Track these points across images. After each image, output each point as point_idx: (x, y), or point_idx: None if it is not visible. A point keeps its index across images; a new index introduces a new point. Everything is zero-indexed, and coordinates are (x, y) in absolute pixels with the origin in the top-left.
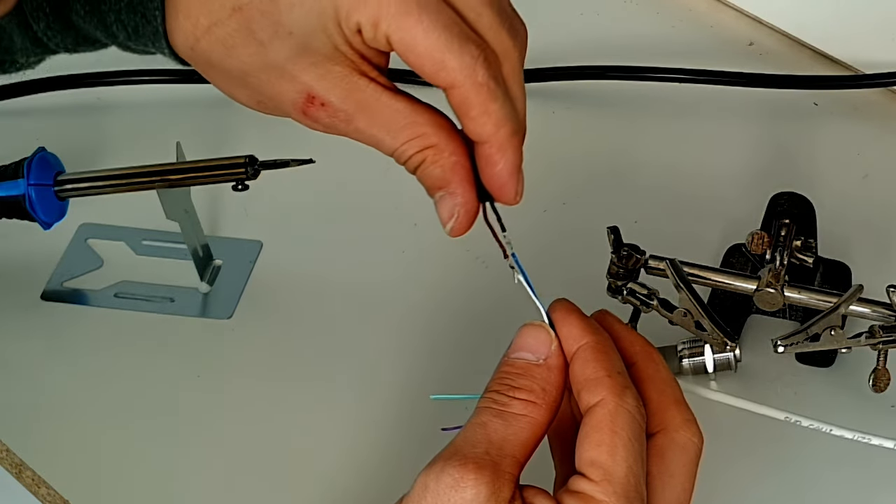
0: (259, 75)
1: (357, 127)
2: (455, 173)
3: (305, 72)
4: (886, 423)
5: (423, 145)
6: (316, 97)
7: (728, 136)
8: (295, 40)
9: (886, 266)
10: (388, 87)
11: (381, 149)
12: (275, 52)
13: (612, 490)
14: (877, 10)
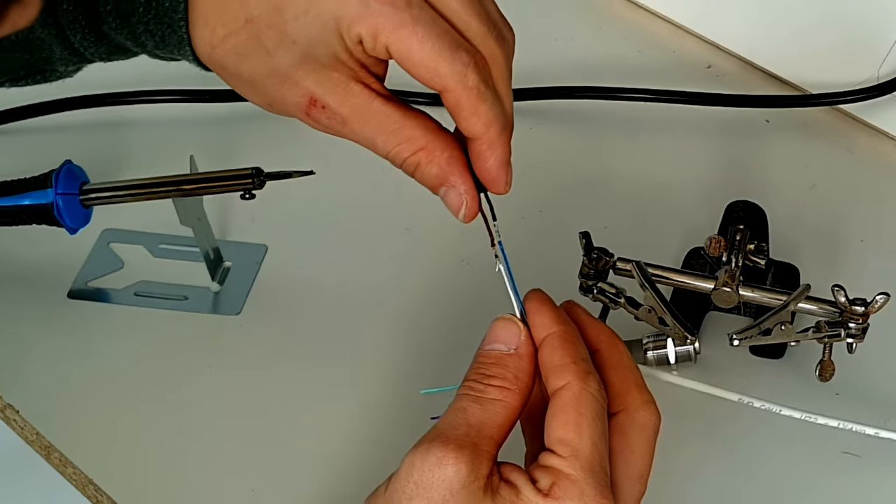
0: (267, 80)
1: (352, 129)
2: (453, 167)
3: (307, 77)
4: (831, 409)
5: (414, 148)
6: (317, 100)
7: (688, 150)
8: (298, 49)
9: (832, 268)
10: (382, 94)
11: (375, 150)
12: (280, 59)
13: (579, 465)
14: (822, 37)
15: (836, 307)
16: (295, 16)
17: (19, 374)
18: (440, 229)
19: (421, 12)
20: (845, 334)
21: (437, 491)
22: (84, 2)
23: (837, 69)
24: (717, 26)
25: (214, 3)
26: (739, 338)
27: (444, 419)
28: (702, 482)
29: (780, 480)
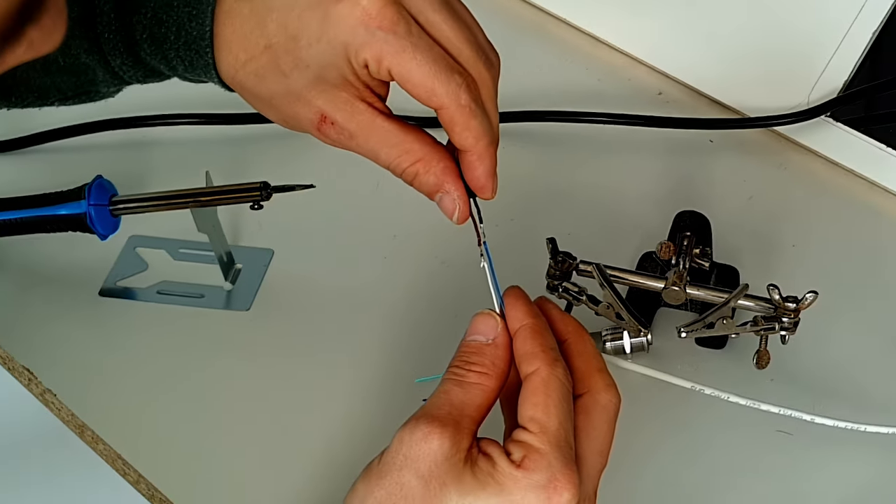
0: (283, 99)
1: (358, 143)
2: (447, 175)
3: (319, 97)
4: (767, 393)
5: (413, 159)
6: (326, 117)
7: (641, 167)
8: (311, 72)
9: (767, 269)
10: (384, 112)
11: (378, 161)
12: (294, 80)
13: (547, 440)
14: (760, 67)
15: (771, 304)
16: (308, 43)
17: (57, 363)
18: (423, 235)
19: (419, 40)
20: (779, 328)
21: (424, 462)
22: (122, 31)
23: (772, 95)
24: (667, 58)
25: (236, 32)
26: (686, 330)
27: (430, 400)
28: (656, 458)
29: (723, 456)
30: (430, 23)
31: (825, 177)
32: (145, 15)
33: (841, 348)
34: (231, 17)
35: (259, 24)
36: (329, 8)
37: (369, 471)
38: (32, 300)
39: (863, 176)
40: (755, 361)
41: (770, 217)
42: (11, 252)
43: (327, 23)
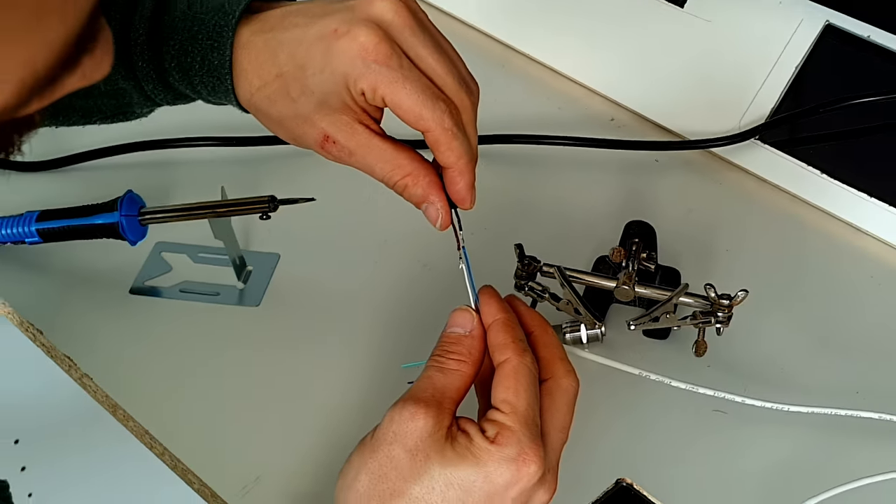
0: (291, 121)
1: (356, 159)
2: (432, 188)
3: (322, 119)
4: (705, 378)
5: (403, 174)
6: (329, 137)
7: (596, 183)
8: (316, 98)
9: (705, 271)
10: (379, 133)
11: (373, 175)
12: (301, 105)
13: (517, 419)
14: (699, 97)
15: (708, 301)
16: (314, 72)
17: (93, 351)
18: (409, 241)
19: (409, 72)
20: (715, 321)
21: (411, 438)
22: (154, 61)
23: (709, 121)
24: (619, 89)
25: (252, 61)
26: (635, 324)
27: (415, 384)
28: (609, 435)
29: (667, 433)
30: (419, 56)
31: (755, 192)
32: (173, 46)
33: (768, 339)
34: (247, 49)
35: (271, 56)
36: (332, 43)
37: (363, 445)
38: (72, 298)
39: (787, 191)
40: (694, 350)
41: (707, 226)
42: (54, 256)
43: (330, 55)
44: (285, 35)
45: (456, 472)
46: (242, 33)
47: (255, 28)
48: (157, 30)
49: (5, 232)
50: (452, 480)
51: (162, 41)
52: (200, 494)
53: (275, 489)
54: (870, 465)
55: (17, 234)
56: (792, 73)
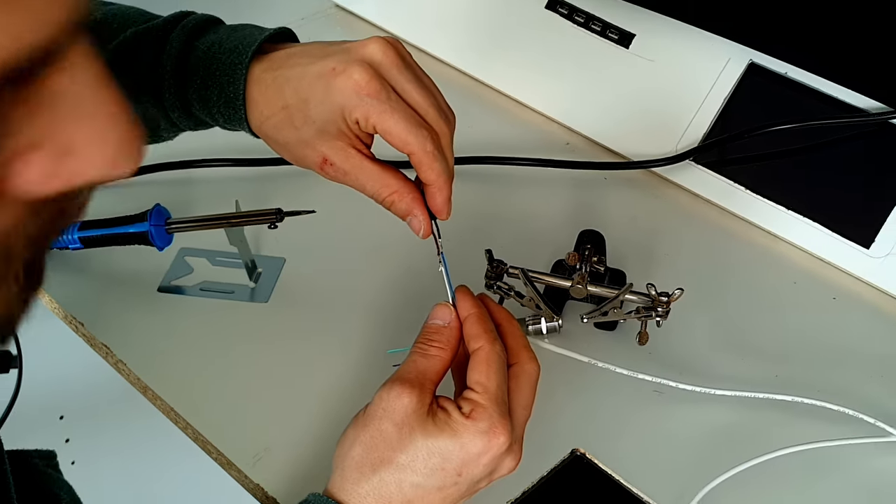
0: (295, 145)
1: (350, 179)
2: (415, 203)
3: (322, 144)
4: (646, 365)
5: (390, 191)
6: (327, 159)
7: (554, 197)
8: (316, 126)
9: (646, 272)
10: (369, 157)
11: (364, 192)
12: (304, 132)
13: (488, 398)
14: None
15: (649, 297)
16: (315, 105)
17: (126, 341)
18: (395, 248)
19: (396, 104)
20: (655, 315)
21: (398, 414)
22: (178, 93)
23: (650, 145)
24: (573, 117)
25: (262, 95)
26: (587, 317)
27: (401, 368)
28: (564, 412)
29: (614, 411)
30: (404, 91)
31: (689, 205)
32: (195, 81)
33: (700, 332)
34: (258, 84)
35: (279, 90)
36: (330, 80)
37: (357, 420)
38: (108, 295)
39: (717, 204)
40: (637, 340)
41: (649, 234)
42: (94, 260)
43: (329, 90)
44: (290, 72)
45: (436, 442)
46: (254, 71)
47: (264, 66)
48: (182, 67)
49: None
50: (433, 450)
51: (186, 76)
52: (218, 462)
53: (281, 458)
54: (783, 440)
55: (62, 241)
56: (721, 103)
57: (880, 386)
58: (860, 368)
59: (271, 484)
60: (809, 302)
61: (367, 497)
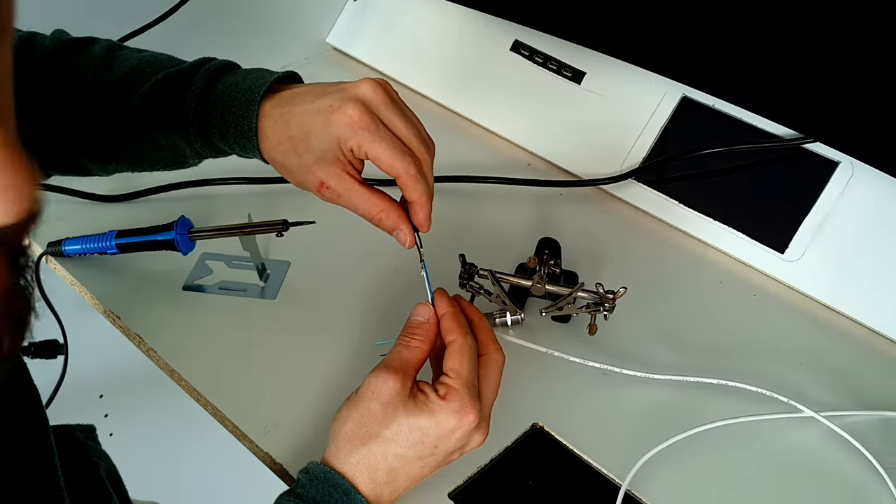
0: (297, 170)
1: (343, 200)
2: (400, 219)
3: (320, 170)
4: (595, 353)
5: (378, 210)
6: (324, 183)
7: (518, 210)
8: (316, 154)
9: (596, 274)
10: (360, 181)
11: (356, 212)
12: (305, 159)
13: (461, 382)
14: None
15: (598, 295)
16: (315, 136)
17: (156, 331)
18: (383, 255)
19: (385, 135)
20: (603, 310)
21: (384, 395)
22: (201, 127)
23: (599, 166)
24: (533, 142)
25: (271, 127)
26: (546, 312)
27: (387, 357)
28: (525, 395)
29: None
30: (391, 123)
31: (632, 217)
32: (215, 117)
33: (641, 324)
34: (269, 118)
35: (285, 124)
36: (329, 115)
37: (349, 400)
38: (140, 292)
39: (655, 216)
40: (588, 331)
41: (598, 242)
42: (128, 263)
43: (328, 124)
44: (295, 109)
45: (416, 420)
46: (264, 107)
47: (273, 103)
48: (204, 105)
49: (93, 245)
50: (414, 426)
51: (208, 112)
52: (233, 434)
53: (286, 431)
54: (711, 415)
55: (102, 247)
56: (658, 131)
57: (793, 370)
58: (776, 356)
59: (278, 452)
60: (733, 299)
61: (357, 465)
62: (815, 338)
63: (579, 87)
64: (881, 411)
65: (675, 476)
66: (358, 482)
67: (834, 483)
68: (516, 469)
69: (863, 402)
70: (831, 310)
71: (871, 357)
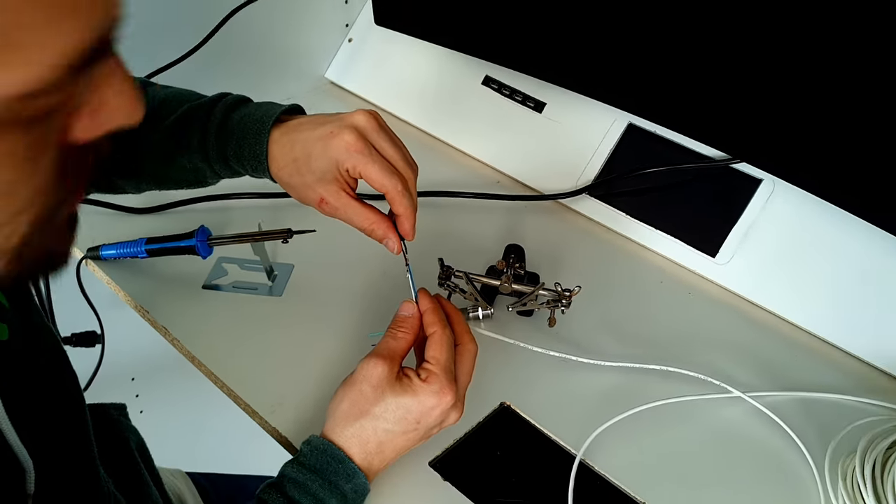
0: (300, 188)
1: (340, 214)
2: (389, 230)
3: (320, 188)
4: (555, 344)
5: (370, 223)
6: (324, 199)
7: (488, 220)
8: (317, 174)
9: (555, 274)
10: (354, 197)
11: (351, 224)
12: (307, 178)
13: (440, 368)
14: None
15: (556, 292)
16: (316, 158)
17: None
18: (374, 259)
19: (376, 157)
20: (560, 305)
21: (374, 379)
22: (219, 152)
23: (557, 182)
24: (501, 162)
25: (279, 152)
26: (512, 307)
27: (377, 346)
28: (494, 380)
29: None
30: (382, 148)
31: (585, 226)
32: (232, 143)
33: (593, 318)
34: (277, 144)
35: (291, 148)
36: (328, 141)
37: (345, 383)
38: (166, 290)
39: (605, 226)
40: (548, 324)
41: (556, 247)
42: (156, 266)
43: (327, 148)
44: (299, 136)
45: (401, 399)
46: (273, 135)
47: (281, 131)
48: (222, 133)
49: (126, 250)
50: (399, 405)
51: (225, 139)
52: (245, 411)
53: (291, 408)
54: (653, 396)
55: (133, 251)
56: (608, 153)
57: (723, 357)
58: (708, 345)
59: (283, 427)
60: (672, 297)
61: (351, 438)
62: (741, 329)
63: (540, 115)
64: (798, 392)
65: (623, 447)
66: (352, 452)
67: (758, 452)
68: (487, 442)
69: (782, 384)
70: (755, 305)
71: (789, 346)
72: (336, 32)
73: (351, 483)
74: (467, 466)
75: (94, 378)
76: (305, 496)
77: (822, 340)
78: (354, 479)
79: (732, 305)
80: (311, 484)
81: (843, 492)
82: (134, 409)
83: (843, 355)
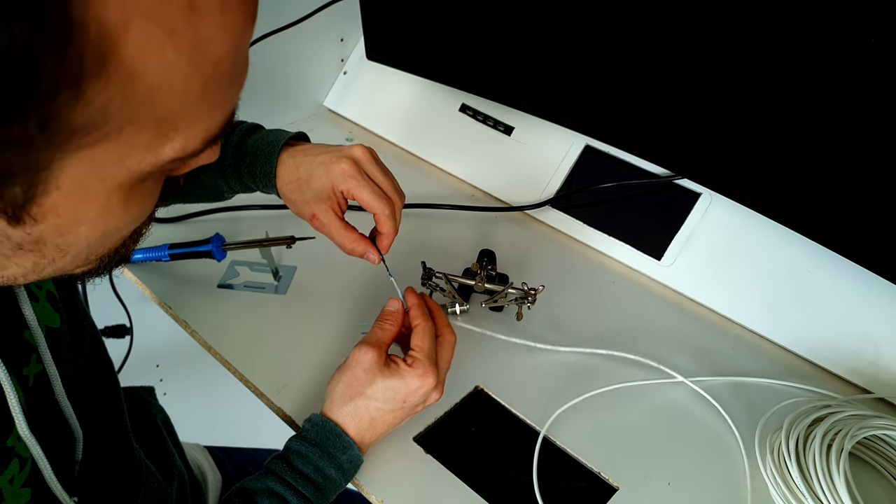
0: (299, 204)
1: (326, 230)
2: (369, 247)
3: (314, 205)
4: (522, 334)
5: (350, 242)
6: (315, 215)
7: (464, 229)
8: (314, 193)
9: (522, 274)
10: (341, 219)
11: (334, 242)
12: (306, 195)
13: (423, 354)
14: (518, 183)
15: (523, 291)
16: (316, 179)
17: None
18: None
19: (368, 183)
20: (527, 302)
21: (365, 364)
22: (235, 170)
23: (524, 195)
24: (476, 178)
25: (285, 172)
26: (485, 304)
27: (367, 335)
28: (470, 366)
29: (500, 364)
30: (374, 175)
31: (549, 234)
32: (245, 163)
33: (555, 312)
34: (284, 165)
35: (296, 169)
36: (328, 166)
37: (340, 368)
38: (186, 289)
39: (566, 233)
40: (516, 318)
41: (523, 252)
42: (178, 267)
43: (327, 172)
44: (304, 159)
45: (389, 381)
46: (281, 157)
47: (288, 154)
48: (237, 154)
49: (151, 254)
50: (388, 386)
51: (240, 160)
52: (254, 393)
53: (294, 391)
54: (608, 380)
55: (158, 255)
56: (568, 170)
57: (668, 346)
58: (655, 336)
59: (288, 407)
60: (623, 294)
61: (346, 416)
62: (683, 322)
63: (510, 137)
64: (730, 377)
65: (581, 425)
66: (347, 428)
67: (696, 429)
68: (464, 419)
69: (717, 370)
70: (695, 302)
71: (724, 336)
72: (333, 66)
73: (346, 454)
74: (447, 441)
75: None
76: (307, 465)
77: (752, 332)
78: (349, 450)
79: (675, 302)
80: (312, 455)
81: (770, 463)
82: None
83: (770, 345)
